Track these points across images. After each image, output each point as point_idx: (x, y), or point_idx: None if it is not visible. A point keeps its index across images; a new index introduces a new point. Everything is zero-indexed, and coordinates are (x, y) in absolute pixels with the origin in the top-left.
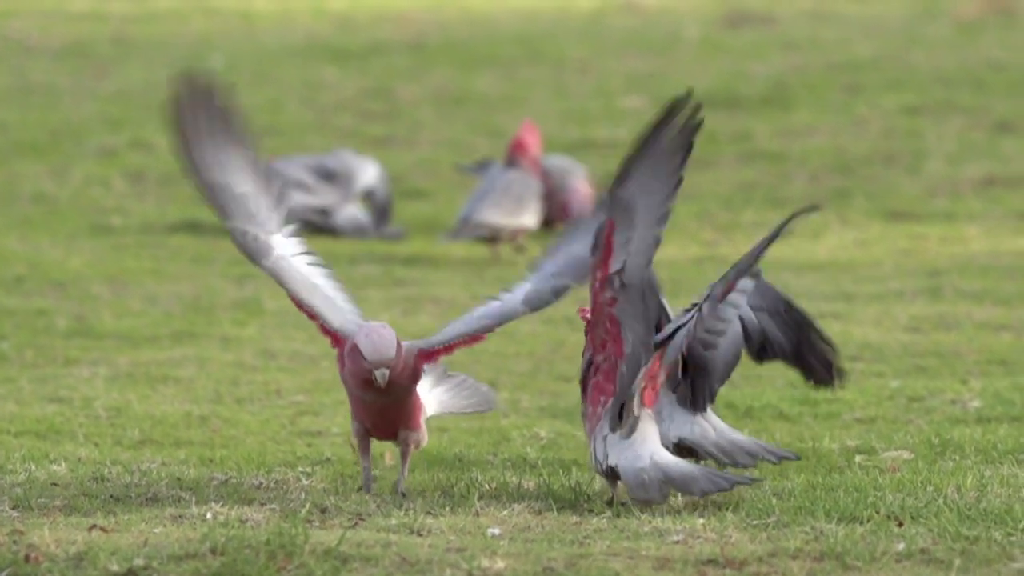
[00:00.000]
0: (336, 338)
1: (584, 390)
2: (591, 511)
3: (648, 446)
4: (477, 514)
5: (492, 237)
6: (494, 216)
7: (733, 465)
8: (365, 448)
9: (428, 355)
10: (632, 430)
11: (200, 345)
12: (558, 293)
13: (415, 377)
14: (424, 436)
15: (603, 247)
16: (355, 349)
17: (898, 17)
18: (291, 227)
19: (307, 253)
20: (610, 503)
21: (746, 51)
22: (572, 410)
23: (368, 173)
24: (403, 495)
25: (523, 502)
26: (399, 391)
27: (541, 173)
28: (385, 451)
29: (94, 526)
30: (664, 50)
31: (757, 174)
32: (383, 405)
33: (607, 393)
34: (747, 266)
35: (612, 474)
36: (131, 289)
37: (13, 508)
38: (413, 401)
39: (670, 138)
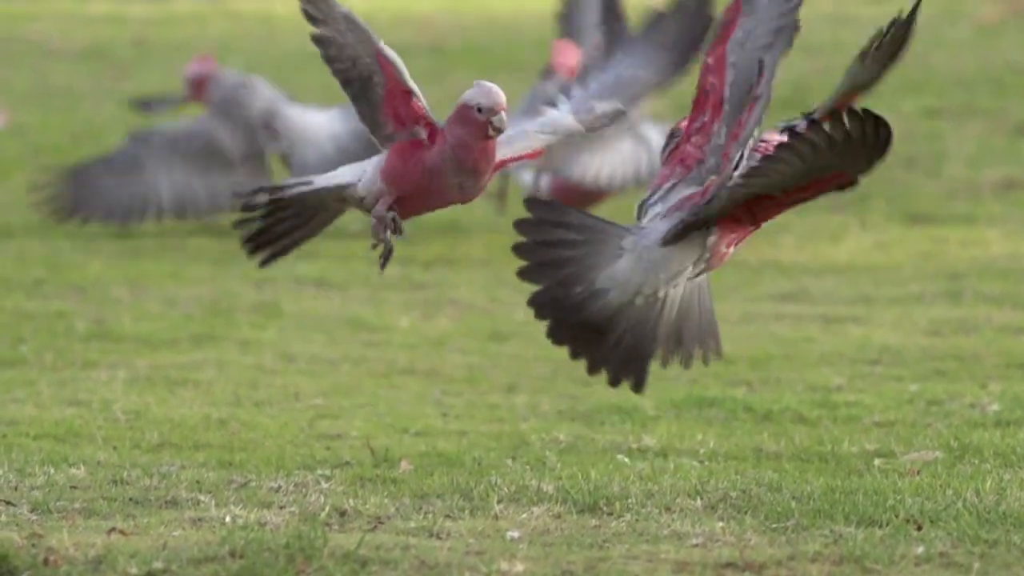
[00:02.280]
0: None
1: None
2: (610, 514)
3: None
4: (496, 517)
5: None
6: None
7: None
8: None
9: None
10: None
11: (219, 348)
12: (612, 117)
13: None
14: None
15: (726, 24)
16: (464, 107)
17: (918, 20)
18: None
19: None
20: None
21: None
22: (591, 413)
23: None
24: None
25: (542, 505)
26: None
27: None
28: (402, 458)
29: (113, 529)
30: None
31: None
32: (462, 192)
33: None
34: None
35: None
36: (150, 292)
37: (32, 511)
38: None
39: None
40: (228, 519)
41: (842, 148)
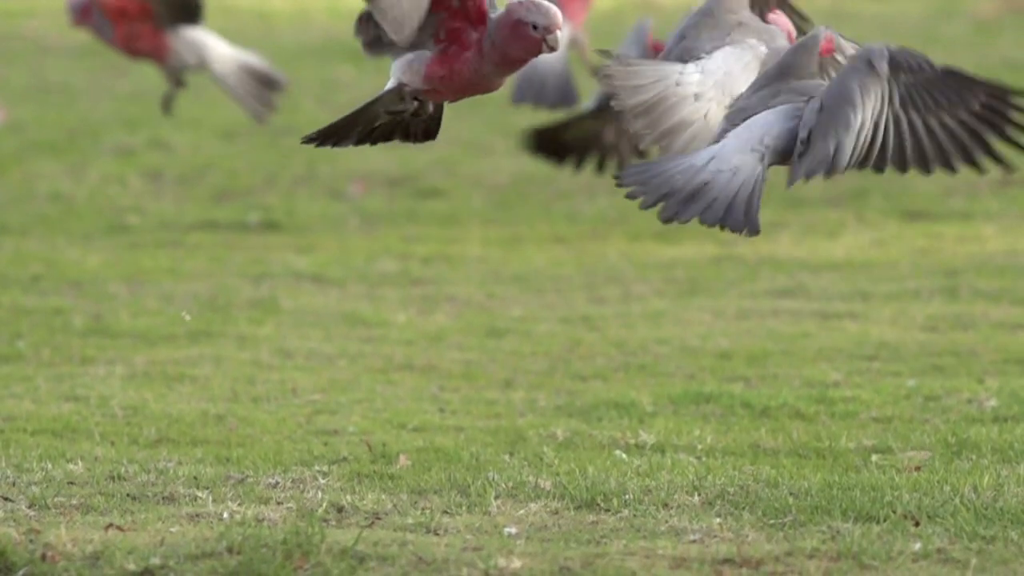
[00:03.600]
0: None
1: None
2: (608, 510)
3: None
4: (493, 513)
5: None
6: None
7: None
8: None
9: None
10: None
11: (216, 344)
12: None
13: None
14: None
15: None
16: (520, 23)
17: (916, 16)
18: None
19: None
20: None
21: None
22: (589, 409)
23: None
24: None
25: (539, 501)
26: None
27: None
28: (400, 454)
29: (111, 525)
30: None
31: (774, 173)
32: (496, 85)
33: None
34: None
35: None
36: (148, 288)
37: (30, 507)
38: None
39: None
40: (226, 515)
41: None
